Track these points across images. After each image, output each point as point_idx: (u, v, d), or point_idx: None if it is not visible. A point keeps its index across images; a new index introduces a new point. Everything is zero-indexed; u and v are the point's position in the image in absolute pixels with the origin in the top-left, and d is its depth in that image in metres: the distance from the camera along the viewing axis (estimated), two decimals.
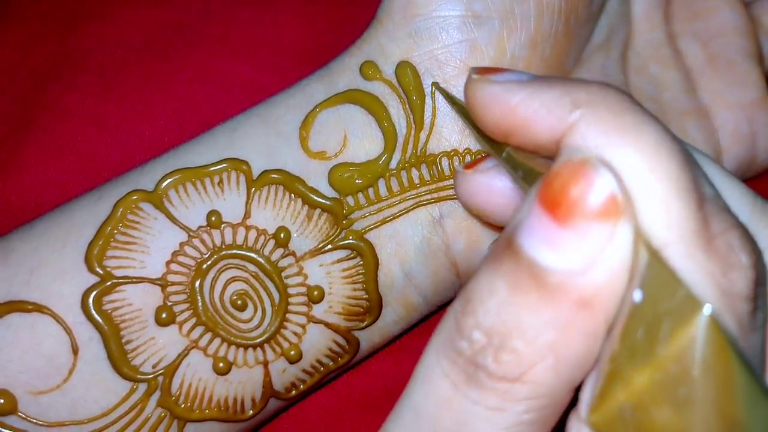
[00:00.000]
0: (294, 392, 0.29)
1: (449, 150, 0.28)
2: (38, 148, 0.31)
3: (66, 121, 0.32)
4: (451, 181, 0.28)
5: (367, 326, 0.29)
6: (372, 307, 0.28)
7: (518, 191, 0.24)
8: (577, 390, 0.19)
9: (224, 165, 0.27)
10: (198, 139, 0.28)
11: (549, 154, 0.20)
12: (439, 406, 0.18)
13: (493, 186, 0.24)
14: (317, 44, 0.34)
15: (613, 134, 0.17)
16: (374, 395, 0.32)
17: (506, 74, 0.20)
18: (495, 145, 0.22)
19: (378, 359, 0.33)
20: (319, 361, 0.29)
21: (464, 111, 0.26)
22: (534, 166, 0.20)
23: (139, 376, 0.26)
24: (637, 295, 0.17)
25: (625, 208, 0.17)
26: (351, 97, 0.28)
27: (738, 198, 0.20)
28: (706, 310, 0.16)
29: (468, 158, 0.28)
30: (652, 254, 0.17)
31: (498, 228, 0.28)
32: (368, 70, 0.28)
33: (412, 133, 0.28)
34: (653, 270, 0.17)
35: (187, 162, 0.27)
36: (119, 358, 0.26)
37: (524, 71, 0.21)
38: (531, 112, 0.19)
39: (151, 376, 0.27)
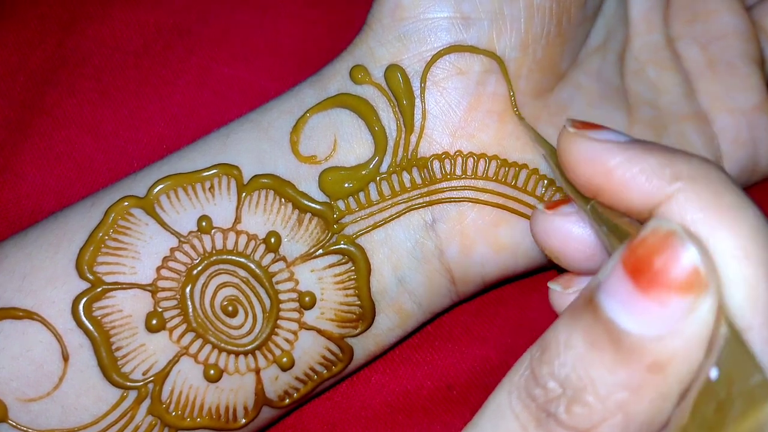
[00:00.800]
0: (287, 400, 0.28)
1: (440, 153, 0.28)
2: (35, 155, 0.32)
3: (63, 128, 0.32)
4: (444, 184, 0.28)
5: (360, 333, 0.28)
6: (365, 314, 0.28)
7: (598, 243, 0.24)
8: None
9: (215, 170, 0.27)
10: (192, 145, 0.28)
11: (637, 218, 0.20)
12: None
13: (572, 231, 0.24)
14: (316, 48, 0.34)
15: (711, 212, 0.18)
16: (374, 408, 0.32)
17: (605, 133, 0.20)
18: (581, 195, 0.22)
19: (378, 371, 0.32)
20: (312, 369, 0.28)
21: (551, 152, 0.26)
22: (619, 224, 0.20)
23: (129, 384, 0.26)
24: (714, 373, 0.17)
25: (708, 283, 0.17)
26: (341, 101, 0.28)
27: None
28: None
29: (460, 161, 0.28)
30: (733, 334, 0.17)
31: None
32: (358, 74, 0.28)
33: (402, 136, 0.27)
34: (733, 350, 0.17)
35: (180, 168, 0.27)
36: (109, 365, 0.26)
37: (621, 132, 0.21)
38: (629, 177, 0.19)
39: (141, 383, 0.26)
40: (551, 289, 0.25)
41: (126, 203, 0.27)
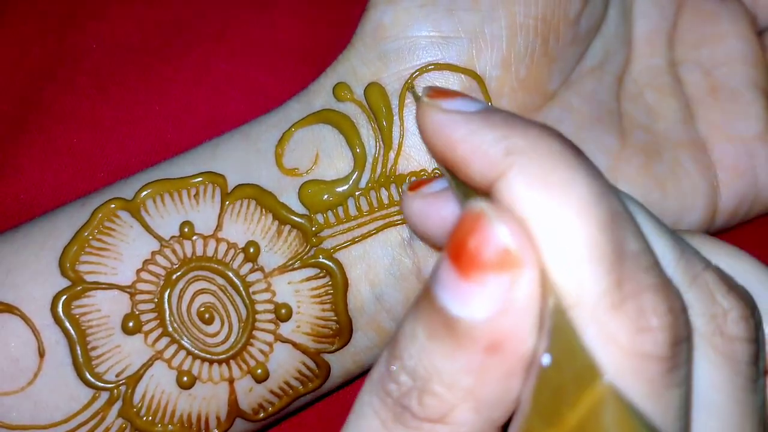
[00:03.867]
0: (262, 414, 0.28)
1: (418, 170, 0.27)
2: (34, 150, 0.32)
3: (62, 123, 0.33)
4: None
5: (337, 350, 0.28)
6: (342, 330, 0.28)
7: None
8: (505, 426, 0.19)
9: (201, 178, 0.28)
10: (184, 154, 0.29)
11: (485, 194, 0.20)
12: None
13: (430, 212, 0.24)
14: (316, 44, 0.34)
15: (537, 189, 0.18)
16: None
17: (456, 101, 0.20)
18: (446, 170, 0.21)
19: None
20: (287, 383, 0.28)
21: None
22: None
23: (101, 384, 0.26)
24: (546, 359, 0.17)
25: (521, 259, 0.17)
26: (324, 116, 0.28)
27: (663, 251, 0.19)
28: (605, 378, 0.16)
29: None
30: (558, 315, 0.17)
31: None
32: (341, 91, 0.28)
33: (381, 153, 0.28)
34: (560, 331, 0.17)
35: (170, 174, 0.28)
36: (84, 364, 0.26)
37: (477, 99, 0.20)
38: (470, 151, 0.19)
39: (114, 384, 0.27)
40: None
41: (113, 205, 0.27)
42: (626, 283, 0.17)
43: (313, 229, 0.27)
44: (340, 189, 0.27)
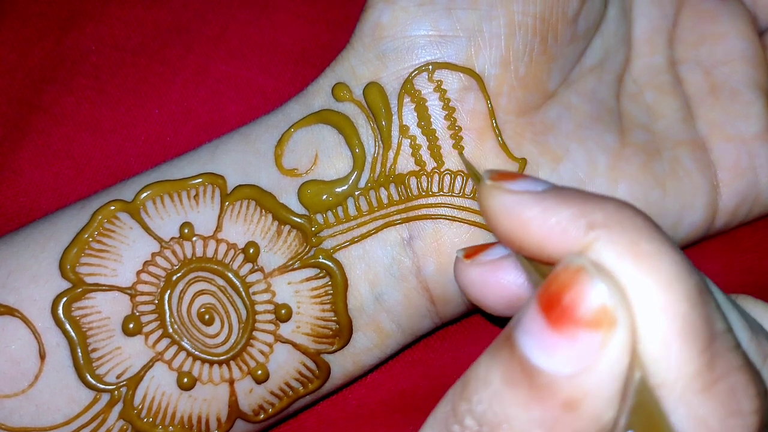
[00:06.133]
0: (262, 415, 0.28)
1: (417, 169, 0.27)
2: (33, 152, 0.32)
3: (61, 125, 0.33)
4: (420, 201, 0.27)
5: (337, 350, 0.28)
6: (341, 330, 0.28)
7: (523, 289, 0.23)
8: None
9: (200, 179, 0.28)
10: (183, 155, 0.29)
11: None
12: None
13: (489, 281, 0.23)
14: (314, 45, 0.34)
15: (627, 260, 0.17)
16: (370, 406, 0.32)
17: (521, 182, 0.20)
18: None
19: (375, 370, 0.32)
20: (288, 384, 0.28)
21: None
22: (548, 271, 0.20)
23: (102, 386, 0.26)
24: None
25: (617, 319, 0.17)
26: (323, 117, 0.28)
27: (736, 328, 0.19)
28: None
29: (437, 178, 0.27)
30: (644, 392, 0.17)
31: None
32: (340, 91, 0.28)
33: (380, 152, 0.28)
34: (644, 410, 0.17)
35: (170, 176, 0.28)
36: (84, 366, 0.26)
37: (541, 179, 0.20)
38: (545, 230, 0.19)
39: (114, 386, 0.27)
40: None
41: (113, 207, 0.27)
42: (717, 364, 0.17)
43: (313, 229, 0.27)
44: (339, 189, 0.27)
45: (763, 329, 0.20)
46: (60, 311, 0.26)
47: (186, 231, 0.27)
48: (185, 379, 0.27)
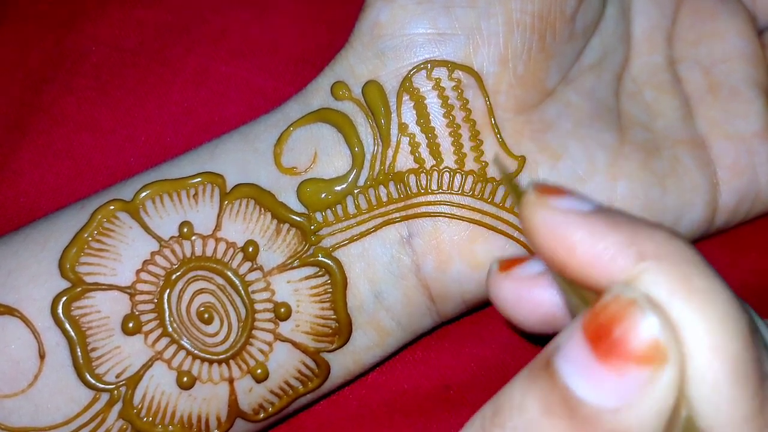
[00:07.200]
0: (262, 414, 0.28)
1: (416, 167, 0.27)
2: (33, 153, 0.32)
3: (61, 126, 0.33)
4: (420, 199, 0.27)
5: (336, 349, 0.28)
6: (341, 329, 0.28)
7: (557, 306, 0.22)
8: None
9: (200, 178, 0.28)
10: (183, 155, 0.29)
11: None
12: None
13: (523, 296, 0.23)
14: (314, 45, 0.34)
15: (679, 296, 0.17)
16: (371, 407, 0.32)
17: (568, 200, 0.18)
18: None
19: (375, 371, 0.32)
20: (287, 383, 0.28)
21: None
22: (587, 294, 0.19)
23: (101, 385, 0.26)
24: None
25: (668, 357, 0.16)
26: (322, 115, 0.28)
27: None
28: None
29: (436, 175, 0.27)
30: (693, 431, 0.17)
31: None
32: (339, 90, 0.28)
33: (379, 150, 0.28)
34: None
35: (169, 175, 0.28)
36: (84, 365, 0.26)
37: (587, 197, 0.19)
38: (592, 255, 0.18)
39: (114, 386, 0.27)
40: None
41: (112, 206, 0.27)
42: (767, 408, 0.17)
43: (312, 227, 0.27)
44: (338, 187, 0.27)
45: None
46: (59, 311, 0.26)
47: (185, 230, 0.27)
48: (185, 378, 0.27)
